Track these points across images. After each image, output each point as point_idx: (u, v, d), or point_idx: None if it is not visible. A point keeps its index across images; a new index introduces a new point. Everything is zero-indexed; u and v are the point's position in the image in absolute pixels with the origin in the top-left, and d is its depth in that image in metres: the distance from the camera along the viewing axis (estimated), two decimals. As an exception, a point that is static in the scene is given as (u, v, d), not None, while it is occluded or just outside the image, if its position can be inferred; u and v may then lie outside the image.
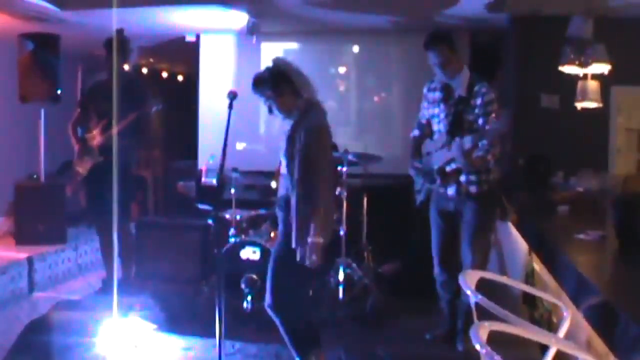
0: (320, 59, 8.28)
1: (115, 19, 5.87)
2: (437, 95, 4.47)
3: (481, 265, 4.37)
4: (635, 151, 6.78)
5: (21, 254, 6.27)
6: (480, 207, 4.40)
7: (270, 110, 3.86)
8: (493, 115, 4.15)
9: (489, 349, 1.94)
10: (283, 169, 3.89)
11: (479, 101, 4.24)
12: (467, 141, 4.07)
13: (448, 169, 4.34)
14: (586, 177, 5.14)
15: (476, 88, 4.28)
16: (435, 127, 4.50)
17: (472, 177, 4.34)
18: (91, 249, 7.09)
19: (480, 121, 4.20)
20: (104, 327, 4.42)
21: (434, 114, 4.49)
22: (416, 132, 4.70)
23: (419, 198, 4.70)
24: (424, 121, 4.65)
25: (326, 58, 8.36)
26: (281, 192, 3.91)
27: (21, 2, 6.29)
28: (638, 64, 6.07)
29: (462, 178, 4.34)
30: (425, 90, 4.60)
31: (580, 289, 2.86)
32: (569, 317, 2.69)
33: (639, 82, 6.28)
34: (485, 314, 2.46)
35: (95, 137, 5.53)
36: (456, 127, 4.30)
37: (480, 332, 1.99)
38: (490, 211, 4.54)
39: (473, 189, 4.35)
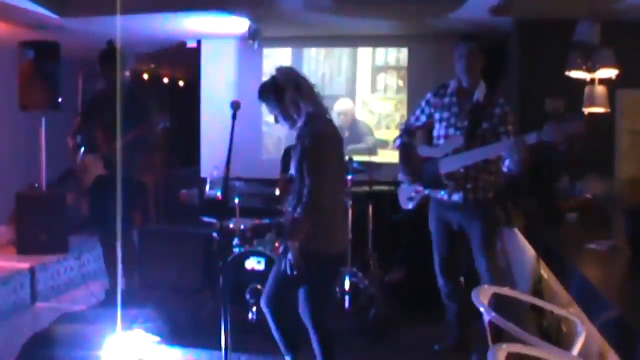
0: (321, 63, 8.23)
1: (116, 25, 5.83)
2: (449, 99, 4.42)
3: (495, 271, 4.33)
4: (640, 154, 6.72)
5: (23, 264, 6.20)
6: (488, 214, 4.37)
7: (276, 120, 3.80)
8: (510, 127, 4.23)
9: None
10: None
11: (497, 111, 4.25)
12: (532, 137, 3.96)
13: (457, 174, 4.29)
14: (593, 182, 5.08)
15: (494, 98, 4.30)
16: (441, 132, 4.43)
17: (479, 183, 4.31)
18: (94, 257, 7.03)
19: (501, 129, 4.22)
20: (108, 340, 4.36)
21: (442, 117, 4.43)
22: (405, 139, 4.61)
23: (409, 205, 4.63)
24: (419, 124, 4.59)
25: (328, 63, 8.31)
26: (291, 206, 3.83)
27: (21, 10, 6.24)
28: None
29: (469, 185, 4.30)
30: (430, 95, 4.53)
31: (593, 302, 2.80)
32: (584, 332, 2.64)
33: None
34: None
35: (101, 149, 5.48)
36: (472, 133, 4.27)
37: (498, 355, 1.94)
38: (496, 217, 4.50)
39: (480, 195, 4.32)
